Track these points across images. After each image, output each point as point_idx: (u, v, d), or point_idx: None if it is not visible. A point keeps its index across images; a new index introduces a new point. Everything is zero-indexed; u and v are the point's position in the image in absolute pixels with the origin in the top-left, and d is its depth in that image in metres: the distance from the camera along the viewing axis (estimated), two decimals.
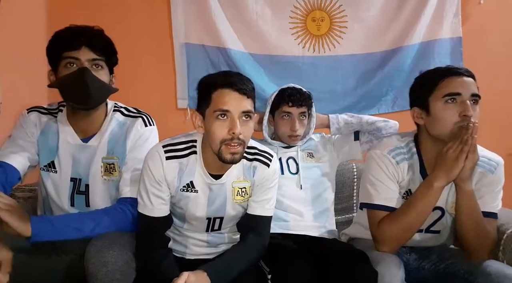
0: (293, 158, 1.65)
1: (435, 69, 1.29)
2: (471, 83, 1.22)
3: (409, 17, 2.10)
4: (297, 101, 1.60)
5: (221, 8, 2.08)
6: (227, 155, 1.11)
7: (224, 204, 1.22)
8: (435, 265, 1.30)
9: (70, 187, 1.27)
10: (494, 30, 2.17)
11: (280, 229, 1.51)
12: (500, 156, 1.32)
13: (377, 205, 1.28)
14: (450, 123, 1.19)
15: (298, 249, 1.33)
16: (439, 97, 1.21)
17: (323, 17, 2.16)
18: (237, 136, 1.09)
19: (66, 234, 1.08)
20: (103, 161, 1.27)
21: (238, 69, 2.09)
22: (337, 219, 1.71)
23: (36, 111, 1.31)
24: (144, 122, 1.30)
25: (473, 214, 1.20)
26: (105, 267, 1.02)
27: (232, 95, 1.10)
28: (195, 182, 1.19)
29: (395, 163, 1.29)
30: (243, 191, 1.22)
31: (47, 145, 1.28)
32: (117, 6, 2.11)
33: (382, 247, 1.24)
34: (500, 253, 1.29)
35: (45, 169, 1.28)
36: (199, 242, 1.28)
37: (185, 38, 2.10)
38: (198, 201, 1.20)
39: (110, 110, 1.32)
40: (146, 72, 2.14)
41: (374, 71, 2.14)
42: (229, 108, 1.10)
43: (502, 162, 1.30)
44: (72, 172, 1.27)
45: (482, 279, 1.15)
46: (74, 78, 1.18)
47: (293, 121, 1.61)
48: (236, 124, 1.09)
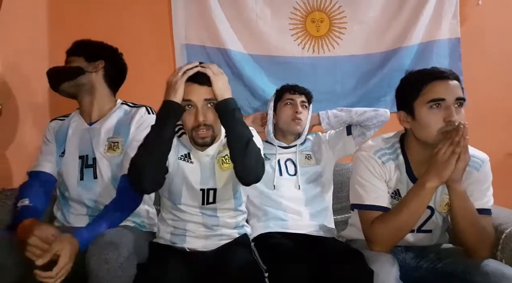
0: (291, 159, 1.68)
1: (419, 73, 1.27)
2: (455, 87, 1.21)
3: (408, 18, 2.11)
4: (299, 89, 1.71)
5: (221, 9, 2.09)
6: (198, 139, 1.26)
7: (213, 174, 1.34)
8: (433, 264, 1.30)
9: (79, 164, 1.43)
10: (492, 31, 2.18)
11: (279, 228, 1.53)
12: (499, 155, 1.33)
13: (368, 205, 1.29)
14: (435, 129, 1.20)
15: (295, 248, 1.34)
16: (423, 102, 1.21)
17: (322, 18, 2.17)
18: (203, 123, 1.23)
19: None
20: (108, 140, 1.43)
21: (238, 70, 2.10)
22: (336, 219, 1.72)
23: (56, 120, 1.55)
24: (147, 110, 1.49)
25: (468, 214, 1.21)
26: (106, 264, 1.04)
27: (193, 87, 1.24)
28: (192, 154, 1.35)
29: (381, 163, 1.30)
30: (227, 158, 1.30)
31: (60, 137, 1.48)
32: (117, 7, 2.12)
33: (375, 247, 1.25)
34: (498, 252, 1.29)
35: (62, 155, 1.45)
36: (196, 225, 1.35)
37: (185, 39, 2.12)
38: (193, 171, 1.33)
39: (118, 103, 1.53)
40: (146, 73, 2.13)
41: (374, 72, 2.15)
42: (191, 98, 1.23)
43: (487, 159, 1.30)
44: (80, 151, 1.44)
45: (480, 278, 1.15)
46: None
47: (296, 106, 1.68)
48: (199, 113, 1.23)
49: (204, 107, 1.24)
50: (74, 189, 1.41)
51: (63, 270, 1.05)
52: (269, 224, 1.55)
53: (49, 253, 1.05)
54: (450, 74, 1.22)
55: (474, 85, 2.16)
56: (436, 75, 1.22)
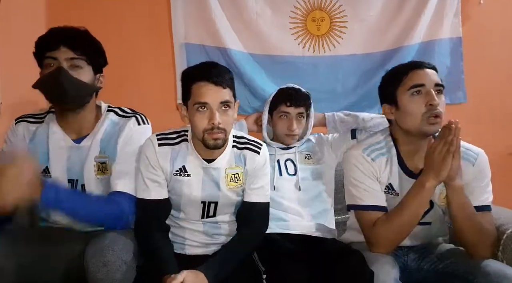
0: (291, 159, 1.66)
1: (399, 66, 1.36)
2: (433, 74, 1.28)
3: (409, 17, 2.10)
4: (295, 101, 1.62)
5: (221, 8, 2.08)
6: (210, 141, 1.20)
7: (217, 188, 1.28)
8: (434, 265, 1.30)
9: (68, 188, 1.26)
10: (494, 30, 2.17)
11: (279, 229, 1.51)
12: (501, 155, 1.33)
13: (365, 205, 1.31)
14: (418, 114, 1.25)
15: (294, 249, 1.33)
16: (405, 90, 1.28)
17: (323, 17, 2.16)
18: (217, 126, 1.18)
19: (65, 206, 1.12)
20: (96, 160, 1.27)
21: (238, 69, 2.09)
22: (336, 219, 1.70)
23: (24, 121, 1.33)
24: (137, 121, 1.32)
25: (465, 209, 1.22)
26: (105, 267, 1.03)
27: (209, 87, 1.17)
28: (187, 166, 1.27)
29: (371, 160, 1.33)
30: (236, 176, 1.29)
31: (37, 151, 1.27)
32: (117, 6, 2.11)
33: (376, 249, 1.26)
34: (499, 253, 1.29)
35: (41, 175, 1.26)
36: (196, 233, 1.32)
37: (185, 38, 2.11)
38: (191, 184, 1.27)
39: (104, 111, 1.33)
40: (146, 72, 2.14)
41: (374, 71, 2.14)
42: (207, 101, 1.17)
43: (482, 152, 1.32)
44: (68, 174, 1.27)
45: (481, 278, 1.15)
46: (50, 77, 1.19)
47: (291, 121, 1.62)
48: (215, 116, 1.17)
49: (220, 110, 1.19)
50: (60, 216, 1.27)
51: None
52: (270, 225, 1.50)
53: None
54: (427, 64, 1.31)
55: (475, 84, 2.16)
56: (413, 64, 1.31)
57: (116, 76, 2.09)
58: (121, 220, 1.20)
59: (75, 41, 1.21)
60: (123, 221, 1.21)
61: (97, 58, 1.29)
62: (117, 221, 1.20)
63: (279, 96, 1.67)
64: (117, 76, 2.09)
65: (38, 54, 1.23)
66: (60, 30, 1.23)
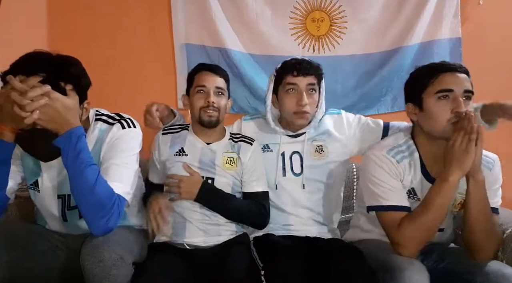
0: (298, 153, 1.46)
1: (429, 65, 1.29)
2: (464, 80, 1.22)
3: (409, 17, 2.10)
4: (304, 69, 1.39)
5: (221, 8, 2.09)
6: (205, 117, 1.41)
7: (213, 165, 1.43)
8: (436, 263, 1.29)
9: (58, 204, 1.24)
10: (493, 31, 2.17)
11: (281, 230, 1.46)
12: (501, 156, 1.32)
13: (390, 206, 1.24)
14: (443, 120, 1.20)
15: (292, 246, 1.33)
16: (431, 93, 1.22)
17: (323, 18, 2.16)
18: (212, 105, 1.40)
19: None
20: None
21: (238, 69, 2.10)
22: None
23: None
24: (122, 125, 1.23)
25: (485, 206, 1.19)
26: (101, 263, 1.03)
27: (208, 74, 1.44)
28: (185, 148, 1.45)
29: (396, 162, 1.27)
30: (231, 160, 1.44)
31: (29, 166, 1.23)
32: (117, 7, 2.12)
33: (402, 250, 1.19)
34: (499, 252, 1.29)
35: (31, 187, 1.25)
36: (195, 214, 1.38)
37: (185, 38, 2.11)
38: (189, 161, 1.42)
39: (92, 120, 1.24)
40: (146, 73, 2.14)
41: (374, 71, 2.14)
42: (205, 84, 1.42)
43: (497, 159, 1.31)
44: (58, 190, 1.23)
45: (481, 278, 1.14)
46: (24, 141, 1.09)
47: (300, 93, 1.39)
48: (211, 95, 1.41)
49: (215, 93, 1.42)
50: (56, 227, 1.29)
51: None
52: (272, 228, 1.46)
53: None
54: (459, 67, 1.24)
55: (475, 85, 2.13)
56: (445, 67, 1.24)
57: (117, 76, 2.11)
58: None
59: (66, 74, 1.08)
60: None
61: (83, 86, 1.15)
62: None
63: (284, 67, 1.43)
64: (118, 76, 2.11)
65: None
66: (37, 57, 1.10)
